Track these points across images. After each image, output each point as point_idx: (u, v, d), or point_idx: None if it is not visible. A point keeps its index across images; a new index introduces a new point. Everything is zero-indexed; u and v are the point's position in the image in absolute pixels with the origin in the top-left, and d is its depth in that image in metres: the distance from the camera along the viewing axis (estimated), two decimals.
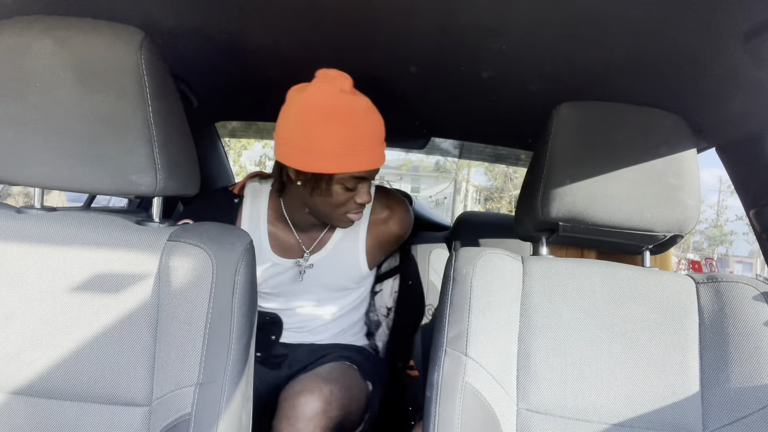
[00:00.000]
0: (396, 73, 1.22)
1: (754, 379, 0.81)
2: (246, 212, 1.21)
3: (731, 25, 0.77)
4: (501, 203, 13.58)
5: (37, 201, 0.83)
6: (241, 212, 1.21)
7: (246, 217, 1.21)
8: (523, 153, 2.04)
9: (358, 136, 1.00)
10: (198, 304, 0.76)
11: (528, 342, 0.86)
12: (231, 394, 0.75)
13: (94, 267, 0.77)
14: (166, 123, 0.78)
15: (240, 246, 0.81)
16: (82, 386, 0.76)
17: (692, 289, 0.89)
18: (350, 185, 1.05)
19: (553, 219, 0.89)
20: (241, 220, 1.21)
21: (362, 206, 1.11)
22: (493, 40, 0.95)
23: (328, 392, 1.04)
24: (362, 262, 1.26)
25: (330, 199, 1.06)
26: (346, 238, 1.24)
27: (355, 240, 1.25)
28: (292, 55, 1.15)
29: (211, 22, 1.00)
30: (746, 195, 1.15)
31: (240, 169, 10.64)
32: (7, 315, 0.76)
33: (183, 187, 0.84)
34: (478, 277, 0.86)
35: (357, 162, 1.01)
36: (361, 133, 1.01)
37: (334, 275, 1.25)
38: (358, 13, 0.91)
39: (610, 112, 0.91)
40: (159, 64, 0.79)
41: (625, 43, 0.89)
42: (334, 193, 1.05)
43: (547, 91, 1.14)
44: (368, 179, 1.07)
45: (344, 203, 1.08)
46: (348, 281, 1.28)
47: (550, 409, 0.84)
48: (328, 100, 0.99)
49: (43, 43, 0.74)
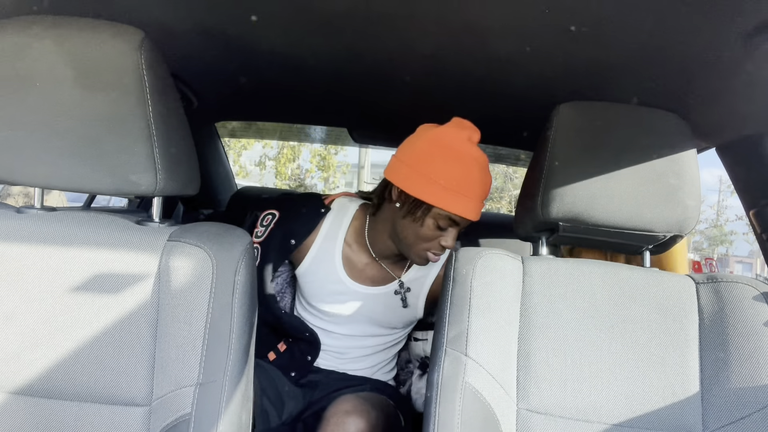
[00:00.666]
0: (396, 74, 1.22)
1: (754, 379, 0.81)
2: (326, 225, 1.23)
3: (731, 26, 0.77)
4: (501, 203, 13.57)
5: (37, 201, 0.83)
6: (322, 223, 1.23)
7: (325, 229, 1.22)
8: (523, 153, 2.04)
9: (467, 181, 1.06)
10: (198, 304, 0.76)
11: (528, 342, 0.86)
12: (231, 394, 0.75)
13: (94, 267, 0.77)
14: (166, 123, 0.78)
15: (240, 246, 0.81)
16: (82, 386, 0.76)
17: (692, 290, 0.89)
18: (443, 224, 1.08)
19: (553, 219, 0.89)
20: (320, 230, 1.22)
21: (443, 250, 1.13)
22: (493, 41, 0.95)
23: (374, 417, 1.05)
24: (420, 308, 1.27)
25: (419, 230, 1.09)
26: (416, 281, 1.25)
27: (421, 286, 1.25)
28: (291, 56, 1.15)
29: (212, 22, 1.00)
30: (746, 195, 1.15)
31: (240, 169, 10.64)
32: (7, 315, 0.76)
33: (183, 187, 0.84)
34: (478, 277, 0.86)
35: (459, 205, 1.05)
36: (471, 181, 1.06)
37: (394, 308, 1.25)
38: (358, 13, 0.91)
39: (610, 112, 0.91)
40: (159, 64, 0.79)
41: (625, 43, 0.89)
42: (426, 225, 1.08)
43: (547, 91, 1.14)
44: (459, 226, 1.10)
45: (429, 240, 1.10)
46: (400, 321, 1.28)
47: (550, 409, 0.84)
48: (456, 143, 1.07)
49: (43, 42, 0.74)
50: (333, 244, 1.22)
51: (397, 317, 1.26)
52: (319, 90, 1.43)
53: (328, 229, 1.22)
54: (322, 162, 11.27)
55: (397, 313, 1.25)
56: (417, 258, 1.14)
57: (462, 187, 1.05)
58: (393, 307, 1.25)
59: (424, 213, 1.07)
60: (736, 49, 0.81)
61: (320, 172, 11.45)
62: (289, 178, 11.45)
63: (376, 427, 1.05)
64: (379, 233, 1.19)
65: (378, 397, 1.18)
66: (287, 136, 2.72)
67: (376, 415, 1.06)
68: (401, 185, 1.08)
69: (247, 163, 11.34)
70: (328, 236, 1.22)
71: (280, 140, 5.61)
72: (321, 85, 1.37)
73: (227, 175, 2.36)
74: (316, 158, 11.44)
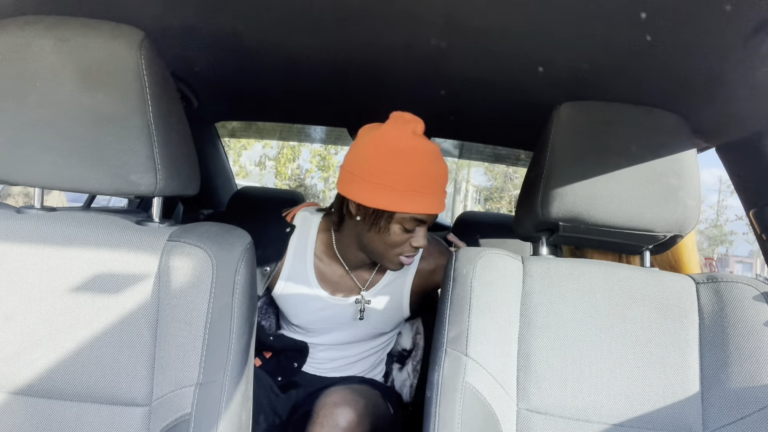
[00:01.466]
0: (396, 74, 1.22)
1: (754, 379, 0.81)
2: (293, 244, 1.20)
3: (732, 25, 0.77)
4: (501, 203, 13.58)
5: (37, 201, 0.83)
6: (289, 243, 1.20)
7: (292, 248, 1.20)
8: (523, 153, 2.05)
9: (423, 178, 1.02)
10: (198, 304, 0.76)
11: (528, 342, 0.86)
12: (231, 394, 0.75)
13: (94, 267, 0.77)
14: (166, 123, 0.78)
15: (240, 246, 0.81)
16: (82, 386, 0.76)
17: (692, 290, 0.89)
18: (409, 227, 1.06)
19: (553, 219, 0.89)
20: (288, 251, 1.19)
21: (416, 250, 1.11)
22: (493, 41, 0.95)
23: (362, 407, 1.05)
24: (405, 308, 1.26)
25: (387, 238, 1.06)
26: (395, 282, 1.23)
27: (401, 285, 1.24)
28: (291, 56, 1.15)
29: (211, 22, 1.00)
30: (746, 195, 1.15)
31: (240, 169, 10.64)
32: (7, 315, 0.76)
33: (183, 187, 0.84)
34: (479, 277, 0.86)
35: (419, 204, 1.02)
36: (427, 177, 1.02)
37: (376, 318, 1.24)
38: (357, 14, 0.91)
39: (610, 112, 0.91)
40: (159, 64, 0.79)
41: (625, 43, 0.89)
42: (392, 232, 1.05)
43: (547, 91, 1.14)
44: (426, 223, 1.08)
45: (399, 244, 1.08)
46: (387, 325, 1.27)
47: (550, 409, 0.84)
48: (399, 140, 1.02)
49: (43, 42, 0.74)
50: (303, 262, 1.19)
51: (382, 320, 1.25)
52: (319, 90, 1.43)
53: (296, 248, 1.20)
54: (322, 162, 11.28)
55: (384, 315, 1.24)
56: (391, 265, 1.12)
57: (419, 185, 1.01)
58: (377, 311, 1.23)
59: (387, 221, 1.04)
60: (736, 49, 0.81)
61: (320, 172, 11.46)
62: (289, 178, 11.46)
63: (365, 416, 1.05)
64: (347, 246, 1.17)
65: (365, 388, 1.18)
66: (287, 136, 2.72)
67: (364, 404, 1.07)
68: (358, 199, 1.03)
69: (247, 163, 11.35)
70: (297, 255, 1.20)
71: (280, 140, 5.61)
72: (321, 85, 1.37)
73: (227, 175, 2.36)
74: (316, 158, 11.45)
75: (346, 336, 1.25)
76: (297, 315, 1.22)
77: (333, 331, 1.24)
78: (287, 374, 1.26)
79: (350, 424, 1.02)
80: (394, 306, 1.24)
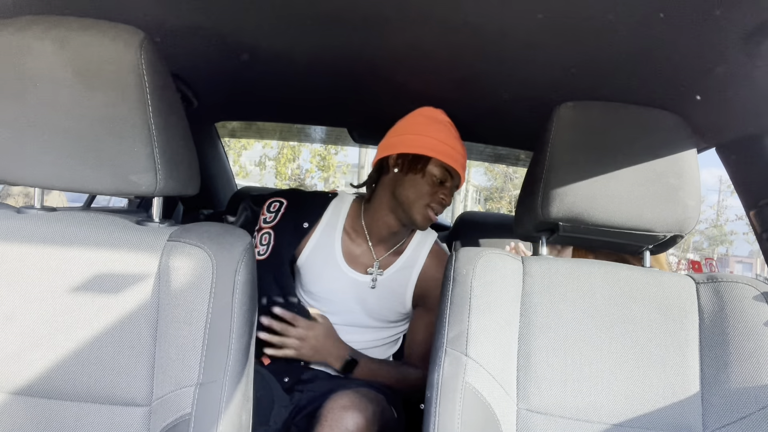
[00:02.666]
0: (396, 74, 1.22)
1: (755, 379, 0.81)
2: (329, 212, 1.32)
3: (731, 25, 0.77)
4: (501, 203, 13.59)
5: (37, 201, 0.83)
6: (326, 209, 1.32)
7: (326, 217, 1.32)
8: (523, 153, 2.04)
9: (453, 140, 1.24)
10: (198, 304, 0.76)
11: (528, 342, 0.86)
12: (231, 394, 0.75)
13: (94, 267, 0.77)
14: (166, 123, 0.78)
15: (240, 246, 0.81)
16: (82, 386, 0.76)
17: (692, 289, 0.89)
18: (441, 176, 1.21)
19: (553, 219, 0.89)
20: (322, 218, 1.31)
21: (442, 206, 1.24)
22: (492, 41, 0.95)
23: (371, 412, 1.06)
24: (409, 297, 1.32)
25: (420, 186, 1.21)
26: (404, 271, 1.31)
27: (408, 276, 1.31)
28: (291, 56, 1.15)
29: (212, 22, 1.00)
30: (746, 195, 1.15)
31: (240, 169, 10.64)
32: (7, 315, 0.76)
33: (183, 187, 0.84)
34: (478, 277, 0.86)
35: (451, 157, 1.21)
36: (457, 141, 1.25)
37: (383, 295, 1.30)
38: (358, 13, 0.91)
39: (610, 112, 0.91)
40: (159, 64, 0.79)
41: (624, 43, 0.89)
42: (427, 175, 1.21)
43: (547, 91, 1.14)
44: (453, 182, 1.25)
45: (430, 195, 1.22)
46: (391, 312, 1.32)
47: (550, 409, 0.84)
48: (434, 114, 1.27)
49: (43, 43, 0.74)
50: (333, 232, 1.30)
51: (388, 307, 1.30)
52: (319, 90, 1.43)
53: (330, 217, 1.31)
54: (322, 162, 11.28)
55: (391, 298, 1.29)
56: (419, 217, 1.22)
57: (450, 144, 1.22)
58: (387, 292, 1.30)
59: (424, 165, 1.20)
60: (736, 49, 0.81)
61: (320, 172, 11.46)
62: (289, 178, 11.46)
63: (374, 422, 1.06)
64: (376, 212, 1.28)
65: (372, 392, 1.18)
66: (287, 136, 2.72)
67: (373, 409, 1.07)
68: (397, 150, 1.22)
69: (247, 163, 11.35)
70: (329, 224, 1.31)
71: (280, 140, 5.61)
72: (321, 85, 1.38)
73: (227, 175, 2.36)
74: (316, 158, 11.45)
75: (355, 316, 1.29)
76: (315, 282, 1.29)
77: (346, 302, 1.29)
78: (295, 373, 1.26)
79: (358, 429, 1.02)
80: (399, 292, 1.31)
